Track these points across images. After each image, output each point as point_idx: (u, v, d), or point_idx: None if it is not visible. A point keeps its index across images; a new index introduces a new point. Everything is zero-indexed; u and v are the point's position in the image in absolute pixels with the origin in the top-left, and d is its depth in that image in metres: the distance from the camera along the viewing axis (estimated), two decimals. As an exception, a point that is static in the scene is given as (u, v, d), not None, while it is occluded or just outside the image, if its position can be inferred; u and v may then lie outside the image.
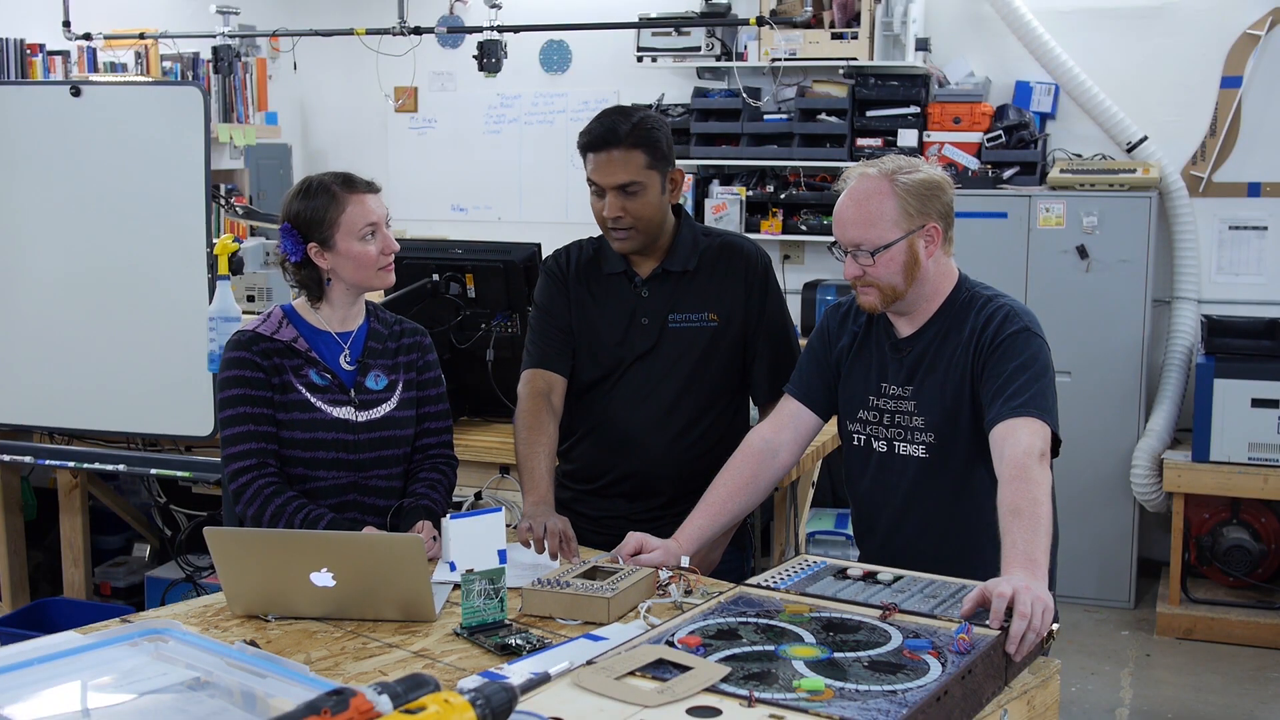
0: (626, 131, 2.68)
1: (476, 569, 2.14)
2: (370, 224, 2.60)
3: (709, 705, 1.62)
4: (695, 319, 2.82)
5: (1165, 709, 4.40)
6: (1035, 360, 2.35)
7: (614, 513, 2.87)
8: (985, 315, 2.42)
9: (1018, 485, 2.16)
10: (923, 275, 2.42)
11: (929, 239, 2.40)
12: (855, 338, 2.57)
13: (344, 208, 2.59)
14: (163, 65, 6.20)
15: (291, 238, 2.61)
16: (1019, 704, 1.86)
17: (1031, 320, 2.42)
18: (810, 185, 6.06)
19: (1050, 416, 2.30)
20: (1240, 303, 5.55)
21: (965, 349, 2.42)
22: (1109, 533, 5.37)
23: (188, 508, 4.62)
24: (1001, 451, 2.25)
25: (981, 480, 2.38)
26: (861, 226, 2.39)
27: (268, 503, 2.55)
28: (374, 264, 2.62)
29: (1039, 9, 5.75)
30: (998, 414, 2.30)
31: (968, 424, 2.41)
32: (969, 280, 2.52)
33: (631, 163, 2.69)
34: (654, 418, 2.82)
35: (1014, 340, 2.37)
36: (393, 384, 2.71)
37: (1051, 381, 2.36)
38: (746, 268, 2.86)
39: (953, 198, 2.45)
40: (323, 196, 2.60)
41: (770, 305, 2.87)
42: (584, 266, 2.89)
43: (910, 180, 2.38)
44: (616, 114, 2.74)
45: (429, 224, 6.83)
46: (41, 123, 4.10)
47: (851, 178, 2.43)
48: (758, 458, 2.58)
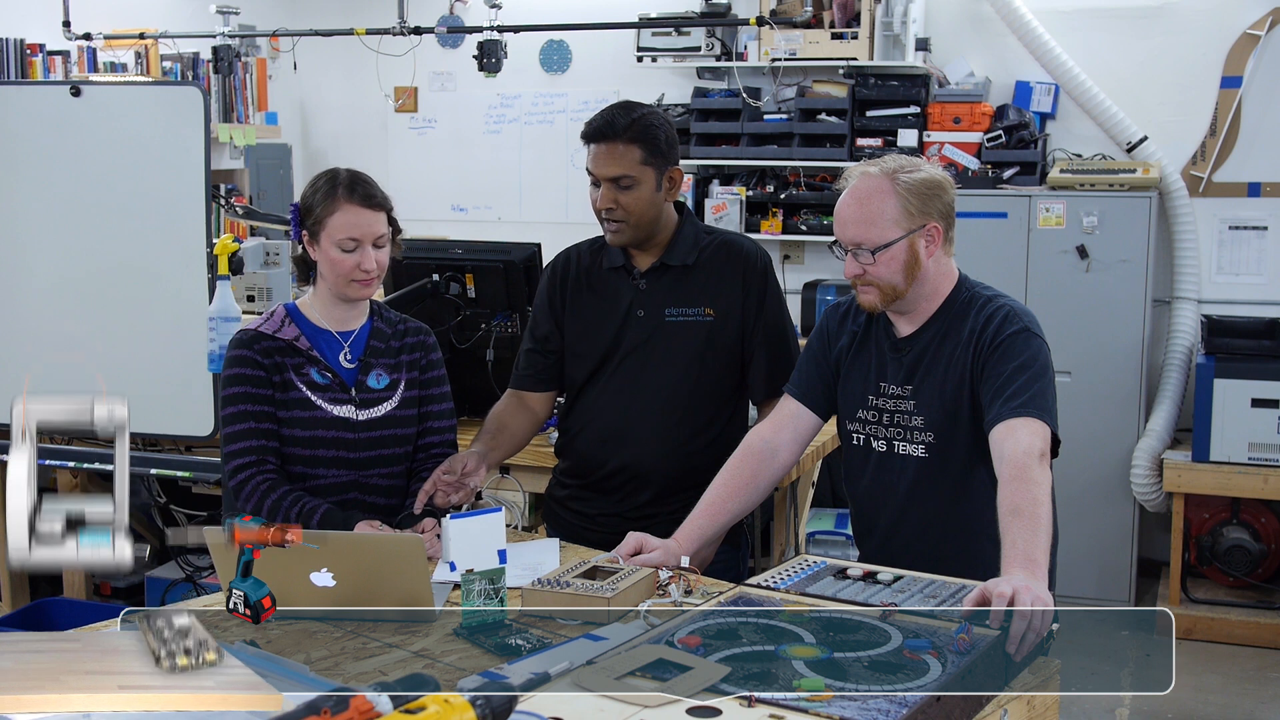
0: (625, 126, 2.73)
1: (476, 569, 2.14)
2: (351, 237, 2.59)
3: (709, 705, 1.62)
4: (692, 313, 2.84)
5: (1165, 709, 4.40)
6: (1035, 361, 2.35)
7: (609, 509, 2.88)
8: (985, 315, 2.42)
9: (1018, 485, 2.16)
10: (923, 275, 2.42)
11: (930, 239, 2.40)
12: (854, 337, 2.56)
13: (334, 211, 2.60)
14: (163, 65, 6.19)
15: (295, 218, 2.66)
16: (1019, 704, 1.86)
17: (1031, 321, 2.42)
18: (810, 185, 6.06)
19: (1050, 416, 2.30)
20: (1240, 303, 5.55)
21: (965, 349, 2.41)
22: (1109, 533, 5.37)
23: (188, 508, 4.62)
24: (1001, 452, 2.25)
25: (981, 480, 2.38)
26: (862, 225, 2.39)
27: (264, 498, 2.56)
28: (345, 275, 2.61)
29: (1039, 9, 5.75)
30: (997, 414, 2.30)
31: (967, 423, 2.41)
32: (969, 280, 2.52)
33: (627, 156, 2.73)
34: (647, 410, 2.83)
35: (1014, 340, 2.37)
36: (395, 383, 2.72)
37: (1051, 382, 2.36)
38: (746, 265, 2.86)
39: (954, 197, 2.45)
40: (325, 190, 2.63)
41: (769, 304, 2.87)
42: (586, 262, 2.93)
43: (912, 180, 2.38)
44: (619, 108, 2.79)
45: (429, 224, 6.83)
46: (41, 123, 4.10)
47: (853, 176, 2.43)
48: (757, 458, 2.58)
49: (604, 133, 2.74)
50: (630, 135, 2.73)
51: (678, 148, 2.83)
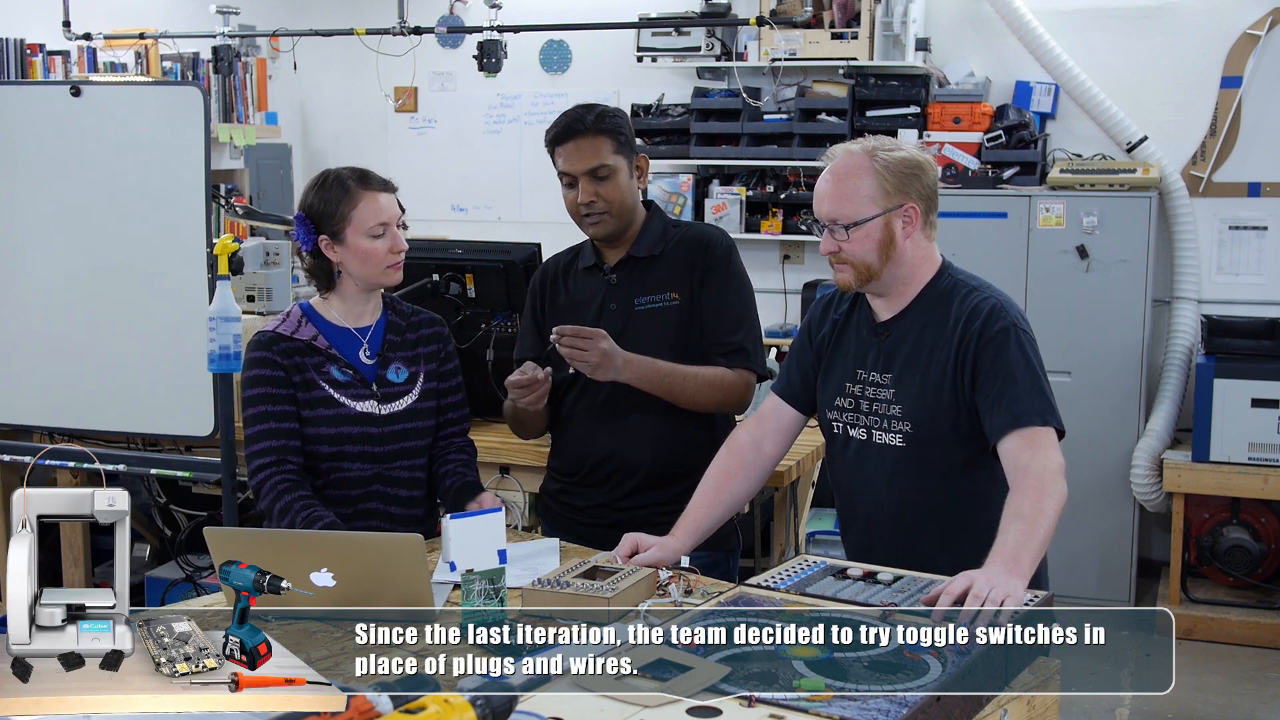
0: (591, 120, 2.82)
1: (476, 569, 2.14)
2: (381, 223, 2.66)
3: (709, 705, 1.62)
4: (659, 299, 2.88)
5: (1165, 709, 4.40)
6: (1030, 359, 2.34)
7: (599, 501, 2.90)
8: (970, 306, 2.39)
9: (1034, 496, 2.17)
10: (899, 255, 2.39)
11: (907, 219, 2.37)
12: (836, 325, 2.55)
13: (356, 203, 2.65)
14: (163, 65, 6.19)
15: (305, 227, 2.67)
16: (1019, 704, 1.86)
17: (1018, 314, 2.40)
18: (810, 185, 6.06)
19: (1058, 417, 2.31)
20: (1240, 303, 5.55)
21: (948, 340, 2.39)
22: (1109, 533, 5.37)
23: (188, 508, 4.62)
24: (1021, 462, 2.24)
25: (960, 473, 2.38)
26: (838, 201, 2.38)
27: (279, 498, 2.59)
28: (381, 261, 2.67)
29: (1039, 9, 5.75)
30: (1008, 421, 2.29)
31: (947, 415, 2.38)
32: (952, 267, 2.49)
33: (600, 148, 2.80)
34: (628, 401, 2.84)
35: (1005, 338, 2.34)
36: (414, 376, 2.77)
37: (1045, 375, 2.36)
38: (707, 249, 2.90)
39: (935, 180, 2.42)
40: (337, 190, 2.66)
41: (722, 281, 2.88)
42: (562, 270, 2.99)
43: (890, 158, 2.37)
44: (579, 109, 2.87)
45: (429, 224, 6.82)
46: (41, 123, 4.10)
47: (835, 154, 2.42)
48: (742, 448, 2.59)
49: (574, 129, 2.81)
50: (598, 128, 2.81)
51: (635, 136, 2.92)
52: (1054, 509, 2.17)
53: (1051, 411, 2.30)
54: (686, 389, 2.81)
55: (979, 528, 2.24)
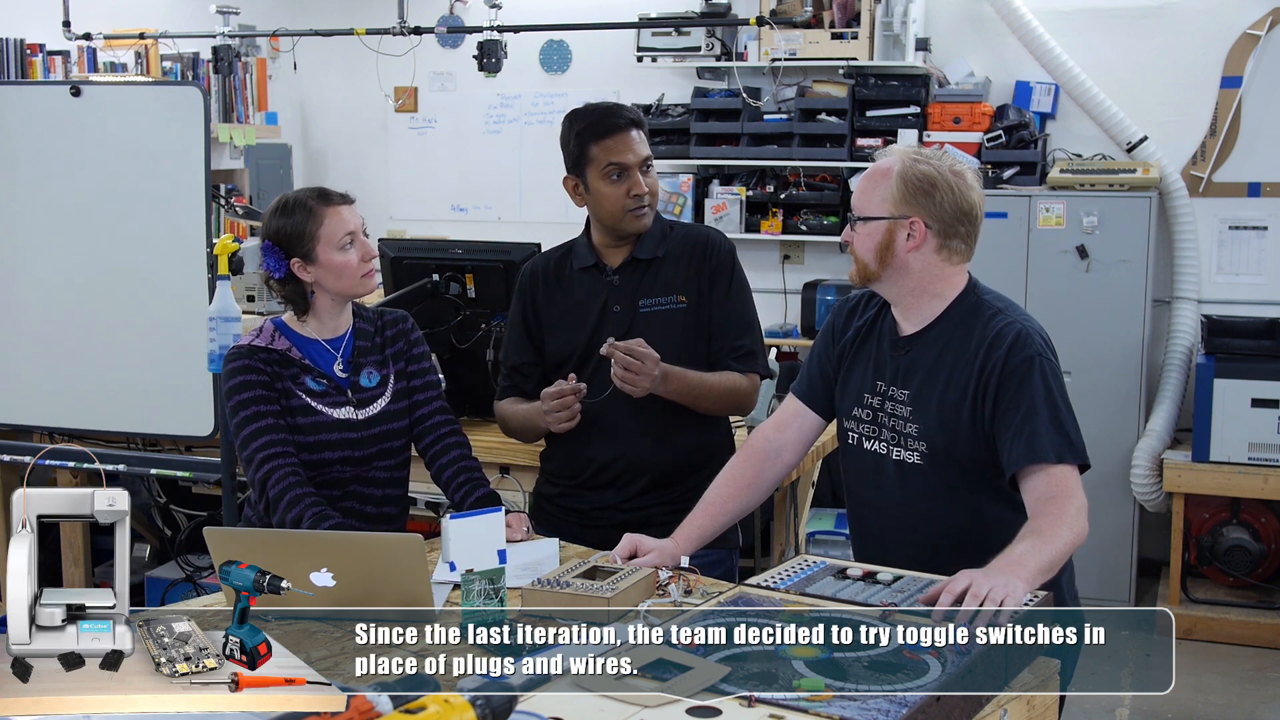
0: (632, 113, 2.86)
1: (476, 569, 2.14)
2: (348, 233, 2.69)
3: (709, 705, 1.62)
4: (665, 302, 2.88)
5: (1165, 709, 4.40)
6: (1051, 391, 2.30)
7: (600, 504, 2.89)
8: (994, 331, 2.35)
9: (1051, 521, 2.16)
10: (900, 265, 2.37)
11: (912, 233, 2.35)
12: (859, 332, 2.53)
13: (322, 220, 2.68)
14: (163, 65, 6.19)
15: (273, 255, 2.69)
16: (1019, 704, 1.86)
17: (1043, 343, 2.36)
18: (810, 185, 6.05)
19: (1076, 453, 2.28)
20: (1240, 303, 5.55)
21: (970, 363, 2.35)
22: (1109, 533, 5.37)
23: (188, 508, 4.62)
24: (1045, 494, 2.23)
25: (975, 497, 2.36)
26: (860, 194, 2.42)
27: (290, 489, 2.61)
28: (356, 271, 2.71)
29: (1039, 9, 5.74)
30: (1023, 454, 2.26)
31: (964, 438, 2.36)
32: (979, 286, 2.45)
33: (645, 139, 2.85)
34: (633, 403, 2.82)
35: (1029, 369, 2.30)
36: (384, 379, 2.80)
37: (1069, 407, 2.32)
38: (710, 250, 2.91)
39: (958, 205, 2.35)
40: (300, 212, 2.69)
41: (729, 284, 2.90)
42: (554, 269, 2.97)
43: (910, 169, 2.35)
44: (608, 104, 2.91)
45: (429, 224, 6.83)
46: (41, 123, 4.10)
47: (883, 151, 2.46)
48: (760, 457, 2.57)
49: (629, 120, 2.84)
50: (638, 121, 2.86)
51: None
52: (1069, 537, 2.15)
53: (1069, 447, 2.26)
54: (711, 398, 2.82)
55: (998, 551, 2.17)
